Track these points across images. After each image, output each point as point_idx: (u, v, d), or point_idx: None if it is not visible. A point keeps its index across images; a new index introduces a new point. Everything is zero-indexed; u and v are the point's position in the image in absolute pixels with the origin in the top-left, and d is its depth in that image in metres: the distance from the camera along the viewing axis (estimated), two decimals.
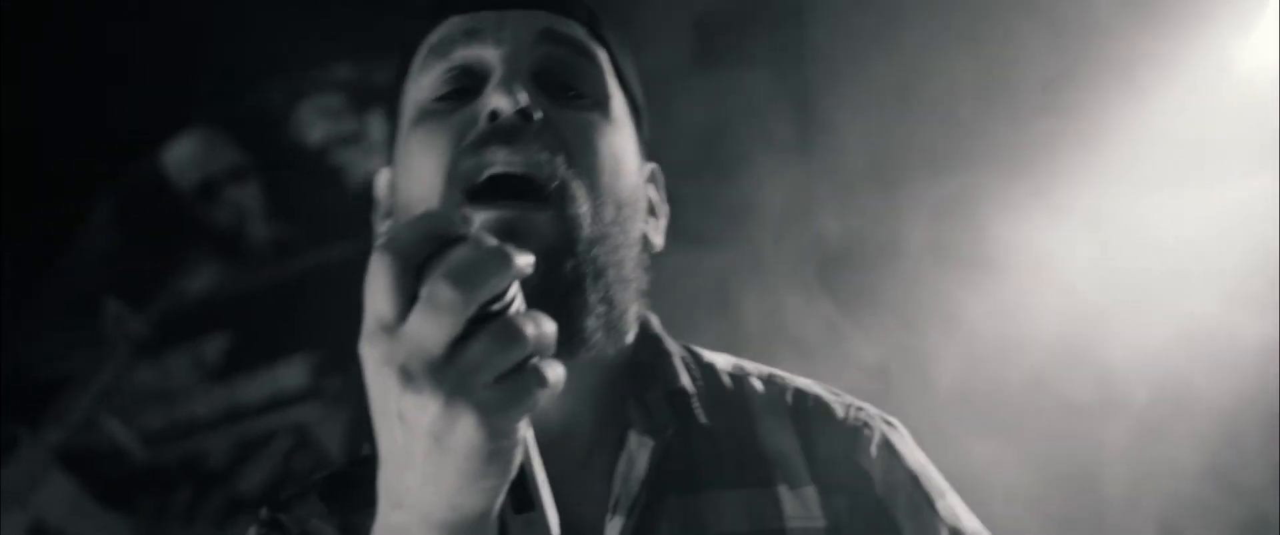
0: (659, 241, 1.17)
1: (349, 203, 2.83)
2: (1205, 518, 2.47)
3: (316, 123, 2.84)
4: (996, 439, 2.37)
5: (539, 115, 1.02)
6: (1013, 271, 2.47)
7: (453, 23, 1.10)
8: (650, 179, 1.18)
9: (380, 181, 1.18)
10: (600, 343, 1.04)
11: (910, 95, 2.48)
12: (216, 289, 2.84)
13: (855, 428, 1.14)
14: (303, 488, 1.13)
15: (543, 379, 0.66)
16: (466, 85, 1.07)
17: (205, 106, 2.81)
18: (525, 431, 0.70)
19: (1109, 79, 2.45)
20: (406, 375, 0.64)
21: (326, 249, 2.83)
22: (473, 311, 0.64)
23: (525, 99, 1.01)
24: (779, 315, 2.45)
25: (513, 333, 0.65)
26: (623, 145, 1.10)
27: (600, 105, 1.09)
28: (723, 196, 2.47)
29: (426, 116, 1.08)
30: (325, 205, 2.84)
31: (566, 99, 1.07)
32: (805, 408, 1.15)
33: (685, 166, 1.50)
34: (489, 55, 1.06)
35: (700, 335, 1.22)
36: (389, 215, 1.15)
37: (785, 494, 1.07)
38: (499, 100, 1.01)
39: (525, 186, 1.00)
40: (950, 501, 1.13)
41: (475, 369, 0.64)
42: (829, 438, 1.12)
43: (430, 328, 0.64)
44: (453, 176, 1.02)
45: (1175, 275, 2.44)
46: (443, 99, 1.08)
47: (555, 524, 0.75)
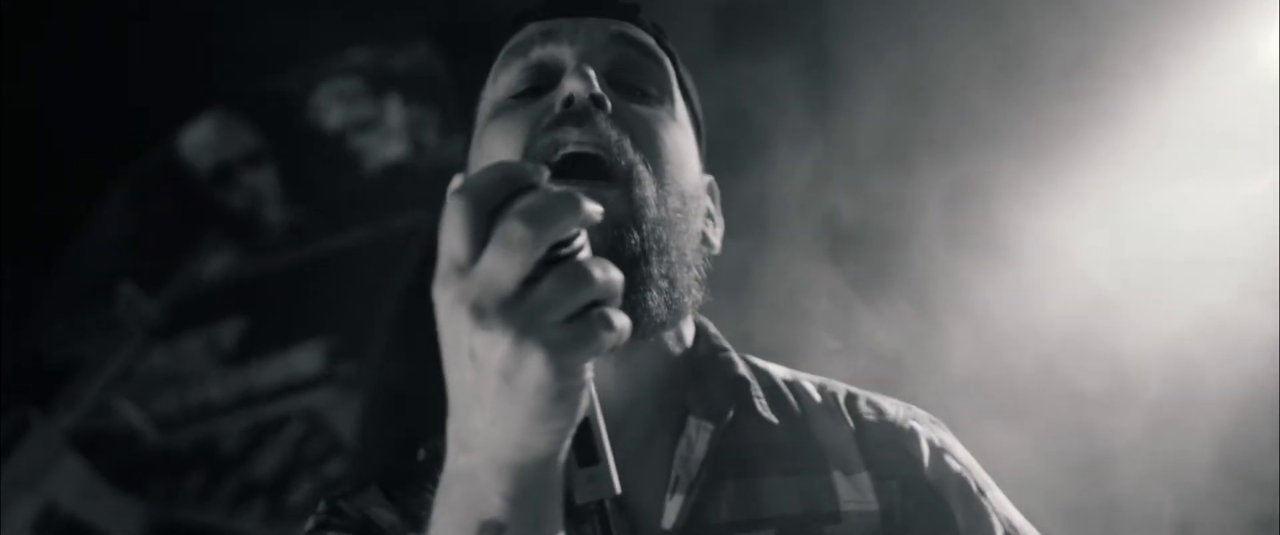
0: (717, 243, 1.21)
1: (365, 188, 2.84)
2: (1218, 508, 2.47)
3: (333, 107, 2.85)
4: (1009, 427, 2.36)
5: (610, 105, 1.07)
6: (1027, 258, 2.47)
7: (531, 27, 1.17)
8: (708, 190, 1.23)
9: (454, 187, 1.21)
10: (662, 317, 1.08)
11: (928, 81, 2.49)
12: (231, 274, 2.85)
13: (906, 421, 1.20)
14: (361, 482, 1.17)
15: (610, 322, 0.68)
16: (541, 83, 1.13)
17: (222, 91, 2.82)
18: (590, 387, 0.72)
19: (1128, 66, 2.44)
20: (478, 312, 0.67)
21: (342, 234, 2.84)
22: (543, 252, 0.67)
23: (599, 86, 1.07)
24: (794, 300, 2.46)
25: (582, 274, 0.67)
26: (686, 146, 1.16)
27: (667, 106, 1.16)
28: (740, 184, 2.46)
29: (502, 111, 1.13)
30: (341, 190, 2.85)
31: (636, 97, 1.13)
32: (857, 405, 1.21)
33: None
34: (564, 54, 1.13)
35: (715, 320, 1.24)
36: None
37: (840, 479, 1.12)
38: (574, 85, 1.07)
39: (597, 166, 1.05)
40: (999, 495, 1.18)
41: (545, 307, 0.67)
42: (881, 429, 1.18)
43: (502, 264, 0.66)
44: (528, 156, 1.07)
45: (1190, 265, 2.45)
46: (519, 96, 1.14)
47: (617, 481, 0.76)
